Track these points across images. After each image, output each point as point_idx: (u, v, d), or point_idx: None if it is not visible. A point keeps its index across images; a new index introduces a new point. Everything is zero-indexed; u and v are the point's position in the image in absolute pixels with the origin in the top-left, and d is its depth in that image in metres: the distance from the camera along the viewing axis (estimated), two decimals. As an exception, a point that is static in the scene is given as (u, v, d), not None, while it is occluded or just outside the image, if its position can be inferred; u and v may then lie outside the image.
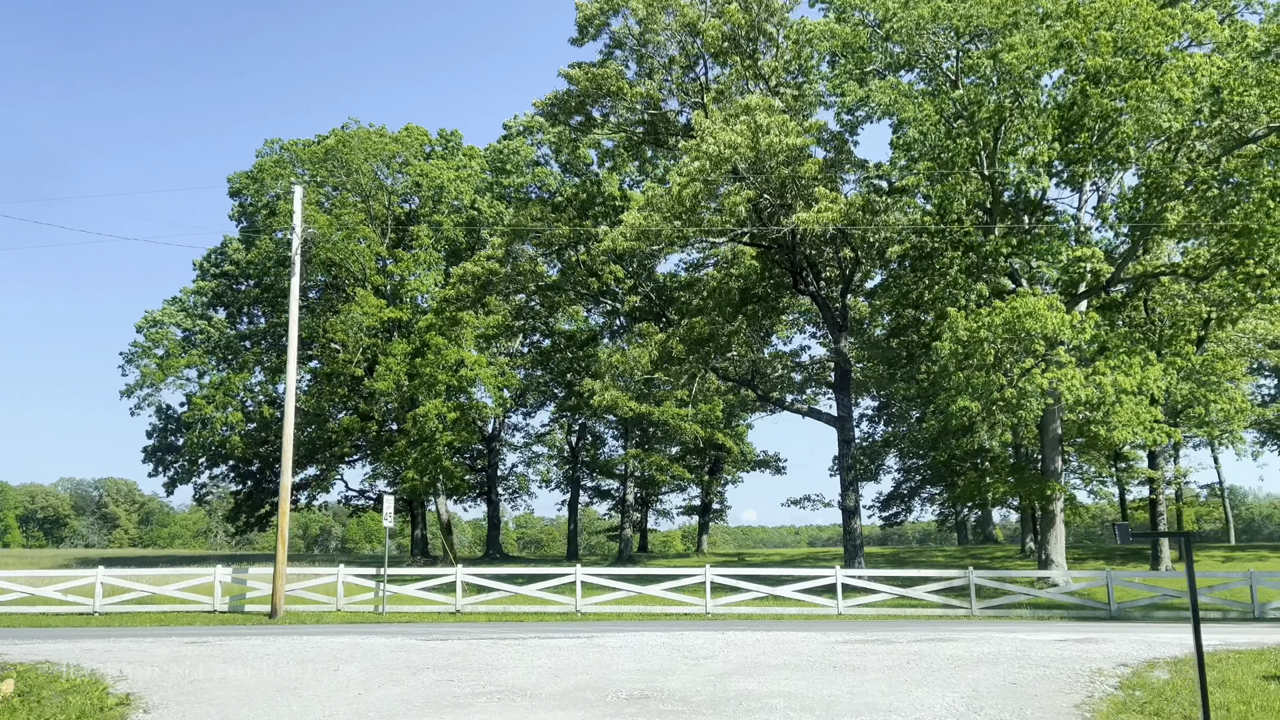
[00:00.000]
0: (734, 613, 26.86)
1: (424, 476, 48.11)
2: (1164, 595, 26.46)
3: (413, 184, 51.07)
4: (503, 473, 65.50)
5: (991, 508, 67.68)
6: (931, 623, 24.44)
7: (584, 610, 27.09)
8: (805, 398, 46.52)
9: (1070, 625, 22.94)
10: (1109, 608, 26.08)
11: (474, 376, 48.22)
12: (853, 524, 38.64)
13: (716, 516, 64.92)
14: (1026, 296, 31.09)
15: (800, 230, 36.88)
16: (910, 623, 24.38)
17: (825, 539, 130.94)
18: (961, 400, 31.14)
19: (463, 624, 24.58)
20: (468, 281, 37.44)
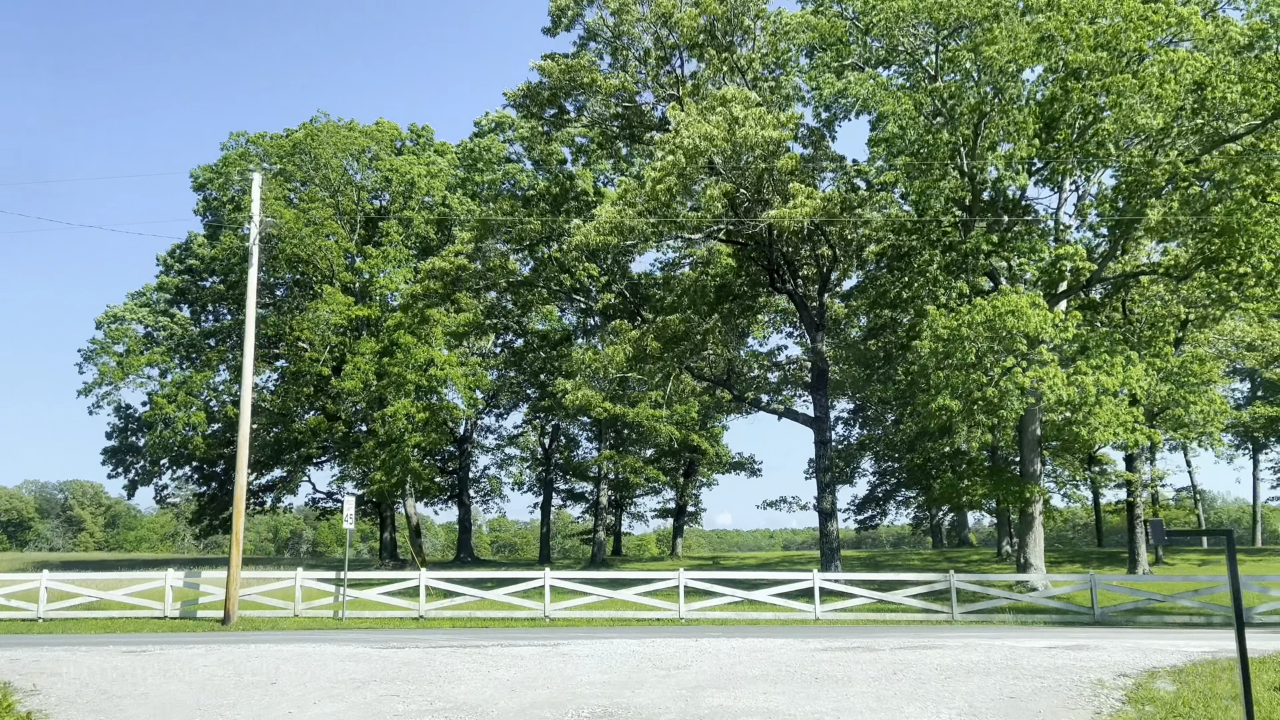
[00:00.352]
0: (708, 618, 25.75)
1: (391, 478, 46.74)
2: (1148, 599, 25.59)
3: (382, 179, 49.70)
4: (474, 475, 64.17)
5: (967, 511, 67.04)
6: (912, 628, 23.41)
7: (553, 616, 25.90)
8: (781, 398, 45.54)
9: (1055, 631, 21.98)
10: (1092, 612, 25.18)
11: (444, 376, 46.91)
12: (829, 527, 37.65)
13: (691, 519, 63.83)
14: (1009, 294, 30.22)
15: (777, 227, 35.90)
16: (891, 628, 23.34)
17: (800, 542, 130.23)
18: (941, 399, 30.21)
19: (425, 630, 23.33)
20: (436, 277, 36.14)
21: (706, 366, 39.64)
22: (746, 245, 37.05)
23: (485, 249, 35.64)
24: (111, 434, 53.35)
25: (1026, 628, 23.40)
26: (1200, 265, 34.15)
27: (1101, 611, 25.19)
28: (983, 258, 33.42)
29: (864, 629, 22.95)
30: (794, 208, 29.44)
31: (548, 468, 58.12)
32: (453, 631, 22.60)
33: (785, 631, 21.78)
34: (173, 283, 52.34)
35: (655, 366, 34.87)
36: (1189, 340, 42.67)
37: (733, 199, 33.59)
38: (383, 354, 47.91)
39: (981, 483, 36.86)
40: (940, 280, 33.63)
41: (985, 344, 30.51)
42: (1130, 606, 25.50)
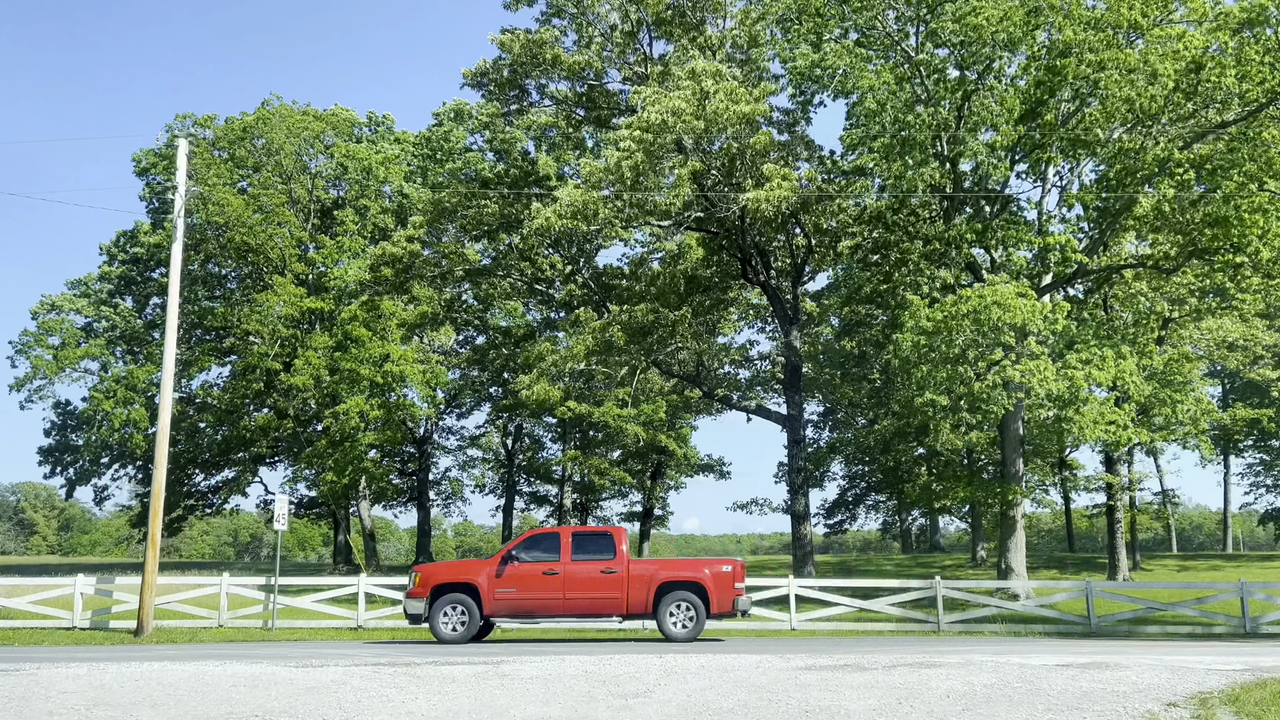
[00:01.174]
0: (674, 628, 23.27)
1: (344, 478, 43.92)
2: (1149, 608, 23.43)
3: (338, 166, 46.91)
4: (435, 477, 61.33)
5: (939, 515, 65.13)
6: (898, 640, 21.09)
7: (504, 626, 23.31)
8: (753, 394, 43.21)
9: (1056, 644, 19.73)
10: (1088, 622, 23.00)
11: (400, 372, 44.18)
12: (802, 530, 35.35)
13: (659, 523, 61.34)
14: (995, 284, 28.07)
15: (750, 213, 33.62)
16: (875, 640, 21.00)
17: (767, 547, 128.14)
18: (929, 393, 27.98)
19: (359, 643, 20.72)
20: (388, 264, 33.48)
21: (675, 362, 37.26)
22: (718, 234, 34.74)
23: (440, 234, 33.03)
24: (50, 431, 50.10)
25: (1021, 640, 21.15)
26: (1190, 257, 32.27)
27: (1098, 621, 23.01)
28: (966, 247, 31.29)
29: (846, 641, 20.60)
30: (769, 190, 27.12)
31: (510, 469, 55.44)
32: (388, 645, 19.99)
33: (760, 645, 19.37)
34: (116, 272, 49.21)
35: (620, 360, 32.42)
36: (1171, 339, 40.88)
37: (703, 183, 31.26)
38: (336, 348, 45.14)
39: (962, 484, 34.70)
40: (922, 269, 31.44)
41: (970, 337, 28.37)
42: (1129, 616, 23.34)
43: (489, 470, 59.87)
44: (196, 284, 46.78)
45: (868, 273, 37.75)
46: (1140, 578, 42.41)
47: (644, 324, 31.89)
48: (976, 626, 22.99)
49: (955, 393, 28.10)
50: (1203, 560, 50.48)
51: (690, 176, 27.84)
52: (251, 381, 44.77)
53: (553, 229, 29.26)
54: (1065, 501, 64.67)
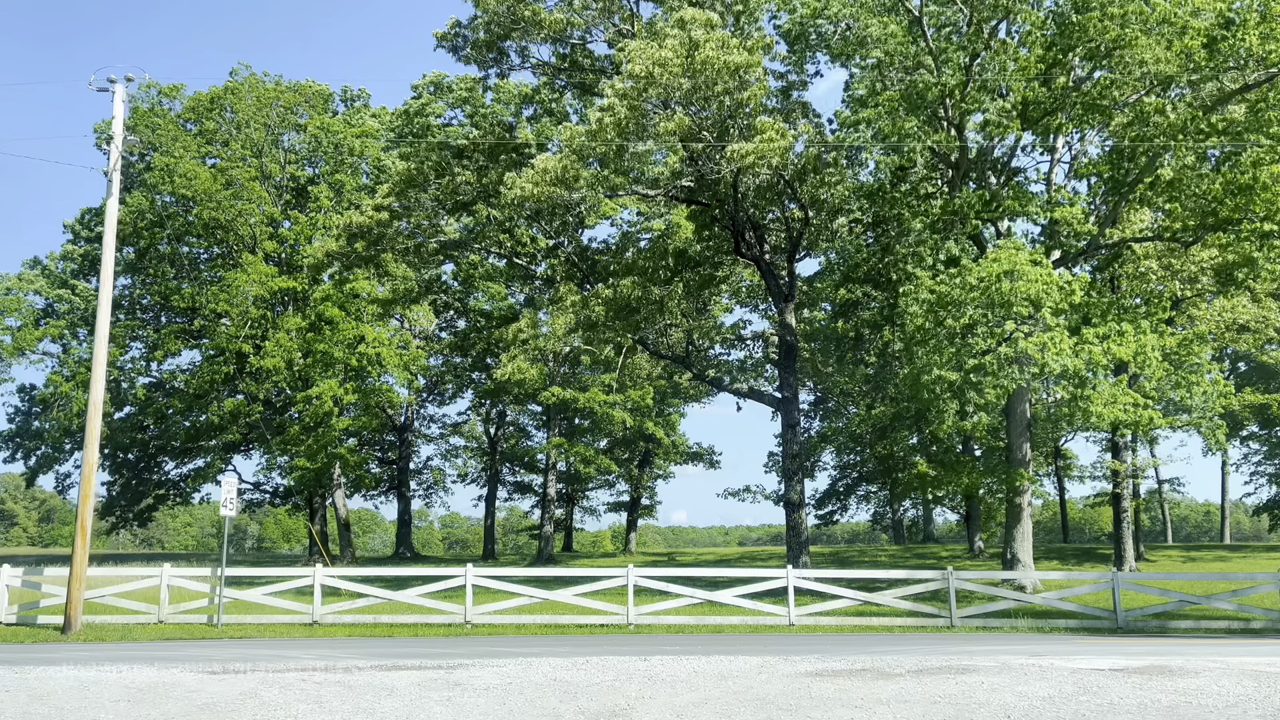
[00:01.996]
0: (662, 623, 20.90)
1: (316, 465, 41.37)
2: (1180, 601, 21.09)
3: (311, 140, 44.28)
4: (417, 466, 58.79)
5: (934, 505, 62.97)
6: (910, 636, 18.74)
7: (475, 621, 20.91)
8: (745, 376, 40.78)
9: (1089, 642, 17.40)
10: (1115, 617, 20.67)
11: (375, 354, 41.63)
12: (797, 518, 32.93)
13: (646, 514, 58.93)
14: (1006, 250, 25.72)
15: (742, 182, 31.19)
16: (885, 637, 18.64)
17: (755, 538, 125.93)
18: (935, 370, 25.63)
19: (311, 640, 18.26)
20: (356, 235, 30.91)
21: (663, 342, 34.83)
22: (708, 206, 32.27)
23: (411, 205, 30.47)
24: (14, 417, 47.42)
25: (1047, 637, 18.82)
26: (1210, 229, 30.01)
27: (1125, 616, 20.69)
28: (972, 218, 28.92)
29: (853, 639, 18.23)
30: (764, 142, 24.67)
31: (493, 458, 52.92)
32: (342, 643, 17.53)
33: (758, 643, 16.99)
34: (79, 251, 46.45)
35: (604, 338, 29.96)
36: (1180, 320, 38.67)
37: (691, 147, 28.80)
38: (310, 330, 42.59)
39: (966, 470, 32.37)
40: (926, 240, 29.07)
41: (980, 310, 26.04)
42: (1159, 610, 21.02)
43: (471, 459, 57.34)
44: (164, 263, 44.10)
45: (865, 251, 35.47)
46: (1146, 569, 40.22)
47: (630, 300, 29.43)
48: (992, 621, 20.68)
49: (965, 367, 25.77)
50: (1205, 551, 48.37)
51: (678, 133, 25.31)
52: (220, 364, 42.16)
53: (530, 198, 26.76)
54: (1060, 491, 62.57)
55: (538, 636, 19.41)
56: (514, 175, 27.00)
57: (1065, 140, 33.67)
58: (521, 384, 46.52)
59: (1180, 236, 30.71)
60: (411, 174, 30.34)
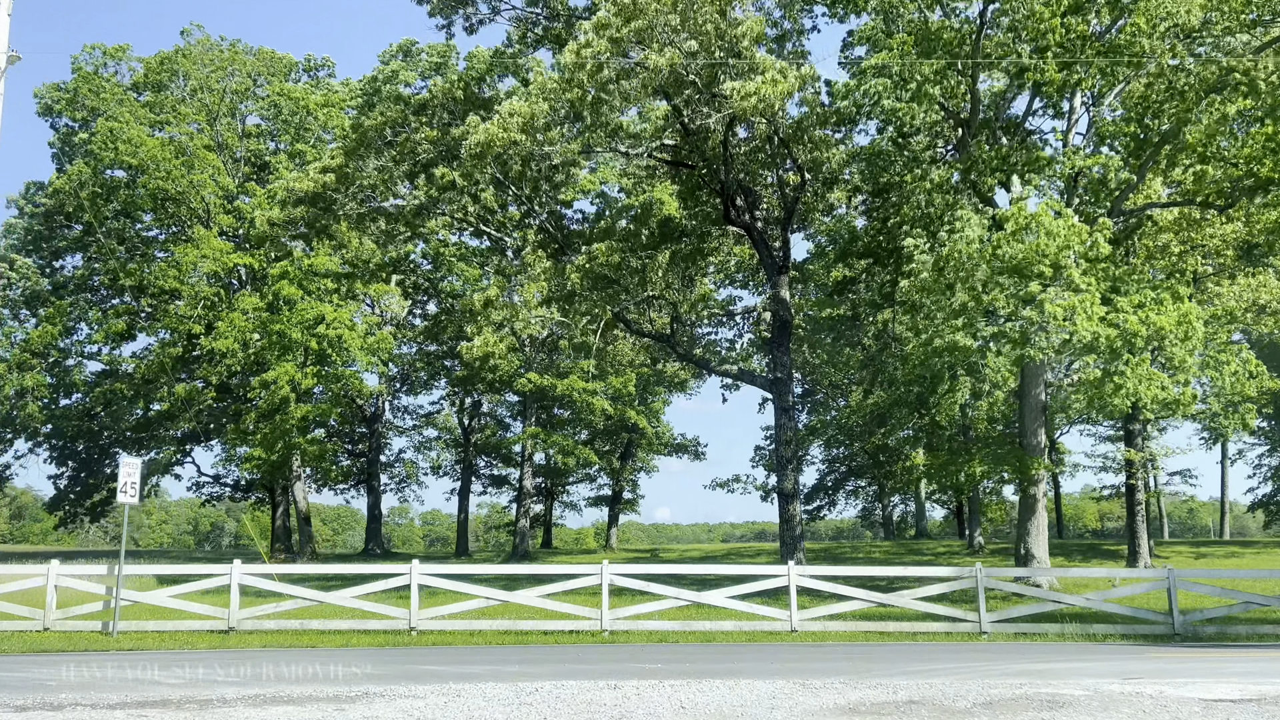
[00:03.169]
0: (642, 629, 17.41)
1: (273, 456, 37.69)
2: (1246, 603, 17.72)
3: (270, 107, 40.58)
4: (388, 459, 54.99)
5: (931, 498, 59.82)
6: (939, 647, 15.33)
7: (421, 626, 17.36)
8: (735, 356, 37.31)
9: (1161, 654, 14.03)
10: (1171, 621, 17.30)
11: (336, 336, 37.95)
12: (791, 510, 29.52)
13: (629, 508, 55.39)
14: (1024, 205, 22.34)
15: (734, 140, 27.80)
16: (909, 648, 15.22)
17: (740, 535, 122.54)
18: (949, 335, 22.25)
19: (216, 652, 14.71)
20: (302, 201, 27.28)
21: (645, 319, 31.35)
22: (696, 169, 28.83)
23: (365, 165, 26.86)
24: (-47, 404, 43.51)
25: (1101, 646, 15.46)
26: (1250, 191, 26.78)
27: (1183, 621, 17.33)
28: (988, 174, 25.56)
29: (872, 650, 14.80)
30: (766, 83, 21.22)
31: (467, 449, 49.29)
32: (251, 655, 13.96)
33: (759, 655, 13.55)
34: (20, 225, 42.57)
35: (581, 310, 26.45)
36: (1199, 299, 35.45)
37: (681, 96, 25.35)
38: (268, 310, 38.89)
39: (976, 457, 28.97)
40: (934, 201, 25.66)
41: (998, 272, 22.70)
42: (1220, 613, 17.66)
43: (445, 451, 53.64)
44: (111, 239, 40.29)
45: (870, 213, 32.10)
46: (1159, 565, 37.01)
47: (607, 267, 25.94)
48: (1027, 627, 17.32)
49: (984, 334, 22.44)
50: (1215, 547, 45.25)
51: (667, 69, 21.82)
52: (169, 346, 38.43)
53: (495, 144, 23.24)
54: (1055, 485, 59.49)
55: (492, 647, 15.91)
56: (475, 119, 23.48)
57: (1083, 101, 30.37)
58: (495, 370, 43.07)
59: (1213, 200, 27.51)
60: (365, 132, 26.75)
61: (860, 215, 35.30)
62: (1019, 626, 17.35)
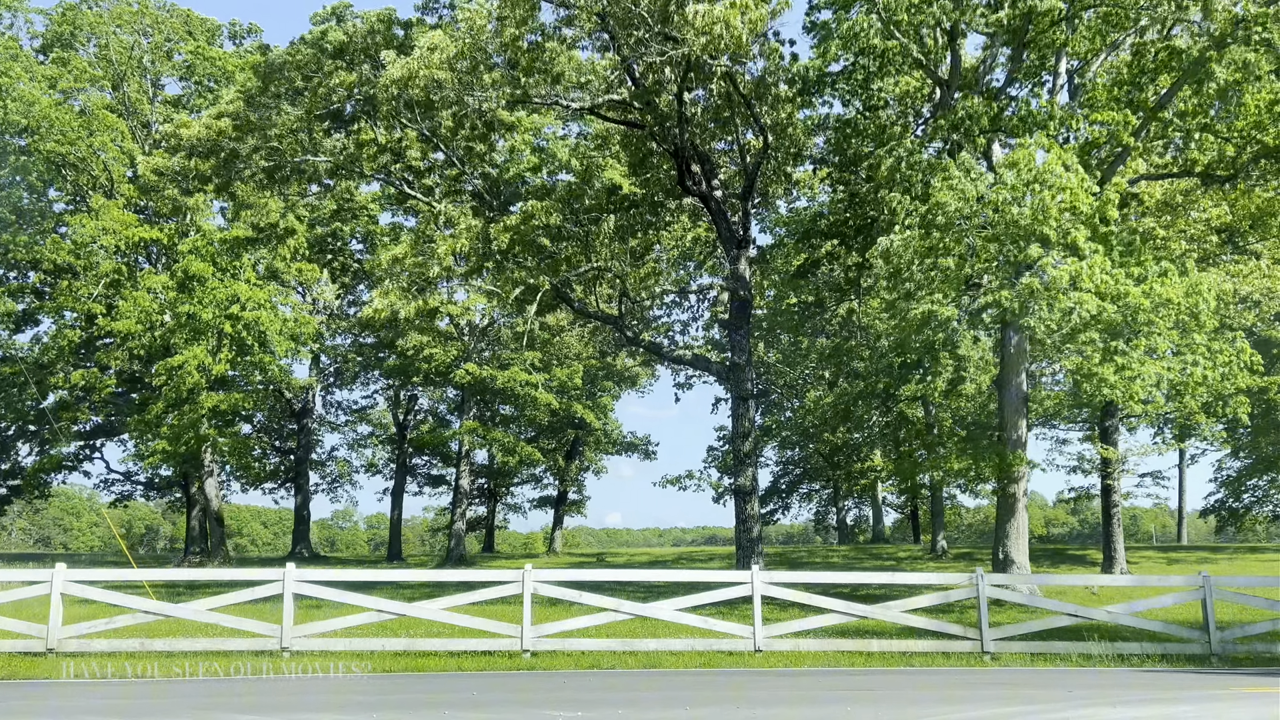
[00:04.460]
0: (572, 650, 13.80)
1: (179, 449, 33.51)
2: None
3: (183, 68, 36.42)
4: (320, 457, 50.75)
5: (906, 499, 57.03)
6: (943, 674, 11.97)
7: (296, 646, 13.59)
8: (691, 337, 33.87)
9: (1209, 681, 10.78)
10: (1207, 639, 14.09)
11: (253, 319, 33.88)
12: (749, 509, 26.14)
13: (575, 510, 51.64)
14: (1032, 154, 19.22)
15: (690, 94, 24.41)
16: (904, 675, 11.82)
17: (690, 540, 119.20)
18: (927, 303, 19.06)
19: (20, 685, 10.90)
20: (195, 152, 23.35)
21: (590, 298, 27.82)
22: (647, 129, 25.40)
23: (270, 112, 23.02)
24: None
25: (1136, 673, 12.19)
26: (1254, 160, 24.05)
27: (1221, 638, 14.15)
28: (978, 133, 22.44)
29: (859, 678, 11.38)
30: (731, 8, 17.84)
31: (401, 446, 45.31)
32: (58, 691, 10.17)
33: (718, 688, 10.07)
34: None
35: (513, 278, 22.83)
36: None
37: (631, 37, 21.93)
38: (179, 289, 34.68)
39: (954, 453, 25.84)
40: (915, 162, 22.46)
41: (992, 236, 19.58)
42: (1264, 628, 14.52)
43: (379, 448, 49.52)
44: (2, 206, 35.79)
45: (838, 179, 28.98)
46: (1135, 572, 34.27)
47: (546, 232, 22.38)
48: (1042, 647, 14.04)
49: (974, 306, 19.29)
50: (1187, 553, 42.75)
51: None
52: (64, 326, 34.08)
53: (416, 83, 19.61)
54: (1015, 489, 56.74)
55: (381, 676, 12.24)
56: (391, 54, 19.83)
57: (1068, 69, 27.45)
58: (430, 360, 39.25)
59: (1216, 171, 24.71)
60: (269, 73, 22.90)
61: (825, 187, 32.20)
62: (1029, 645, 14.04)
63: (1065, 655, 13.48)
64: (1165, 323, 20.27)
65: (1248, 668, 13.09)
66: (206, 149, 23.57)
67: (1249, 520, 57.75)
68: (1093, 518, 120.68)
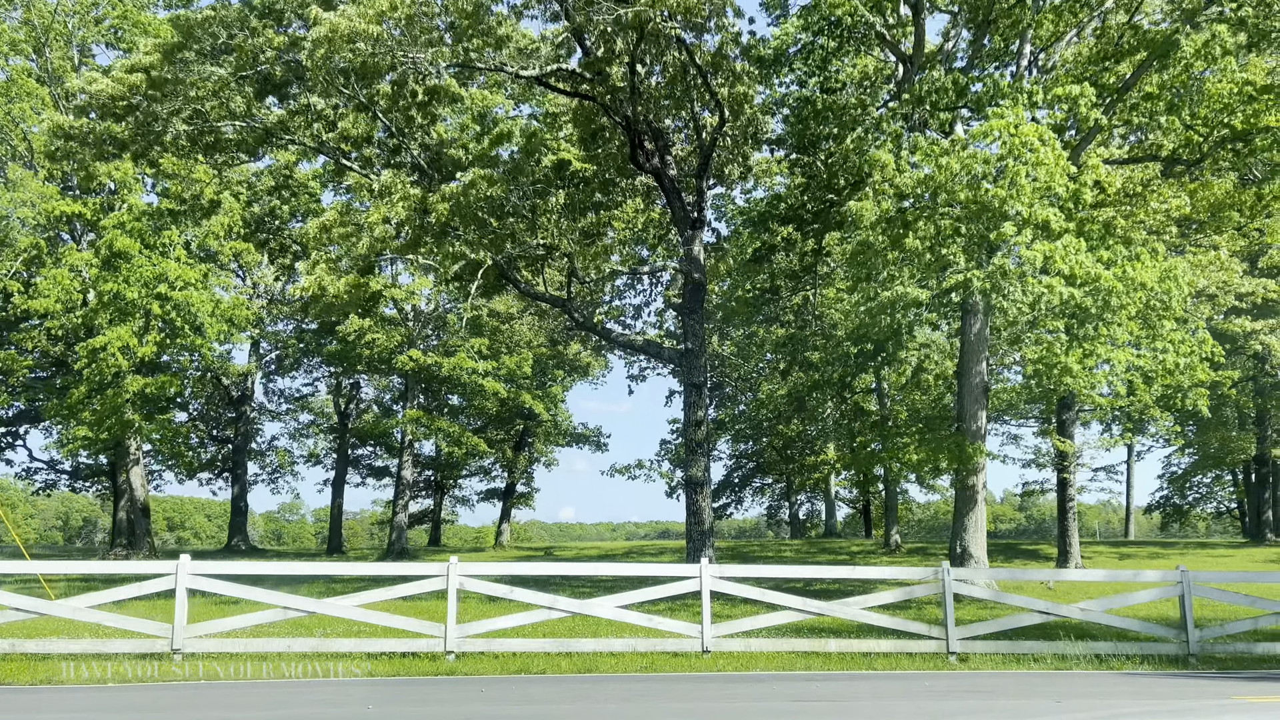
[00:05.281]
0: (503, 651, 12.37)
1: (101, 435, 31.42)
2: (1278, 614, 13.55)
3: (112, 35, 34.21)
4: (260, 446, 48.55)
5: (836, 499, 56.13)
6: (912, 678, 10.73)
7: (190, 648, 11.98)
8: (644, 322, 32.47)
9: (1208, 688, 9.64)
10: (1184, 638, 13.04)
11: (183, 299, 31.83)
12: (700, 501, 24.86)
13: (523, 503, 50.01)
14: (1002, 120, 18.09)
15: (644, 64, 23.02)
16: (867, 680, 10.57)
17: (643, 534, 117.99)
18: (898, 288, 17.90)
19: None
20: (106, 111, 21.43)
21: (537, 280, 26.32)
22: (598, 101, 23.95)
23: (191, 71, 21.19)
24: None
25: (1121, 678, 11.05)
26: (1220, 145, 23.25)
27: (1200, 638, 13.09)
28: (943, 106, 21.35)
29: (819, 684, 10.08)
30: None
31: (342, 436, 43.36)
32: None
33: (659, 702, 8.68)
34: None
35: (453, 252, 21.25)
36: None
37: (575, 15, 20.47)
38: (104, 267, 32.51)
39: (912, 443, 24.73)
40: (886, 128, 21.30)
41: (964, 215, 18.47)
42: (1245, 626, 13.48)
43: (321, 437, 47.45)
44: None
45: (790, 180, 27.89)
46: (1089, 567, 33.61)
47: (488, 205, 20.83)
48: (1011, 646, 12.90)
49: (942, 286, 18.16)
50: (1137, 548, 42.31)
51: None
52: (-22, 306, 31.82)
53: (341, 39, 17.97)
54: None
55: (282, 683, 10.70)
56: (317, 9, 18.16)
57: (1032, 52, 26.53)
58: (373, 345, 37.44)
59: (1183, 154, 23.88)
60: (189, 26, 21.06)
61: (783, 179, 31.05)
62: (998, 645, 12.86)
63: (1039, 656, 12.32)
64: (1128, 311, 19.36)
65: (1233, 670, 12.02)
66: (121, 109, 21.68)
67: (1192, 516, 57.89)
68: (1038, 514, 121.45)
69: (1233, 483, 50.93)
